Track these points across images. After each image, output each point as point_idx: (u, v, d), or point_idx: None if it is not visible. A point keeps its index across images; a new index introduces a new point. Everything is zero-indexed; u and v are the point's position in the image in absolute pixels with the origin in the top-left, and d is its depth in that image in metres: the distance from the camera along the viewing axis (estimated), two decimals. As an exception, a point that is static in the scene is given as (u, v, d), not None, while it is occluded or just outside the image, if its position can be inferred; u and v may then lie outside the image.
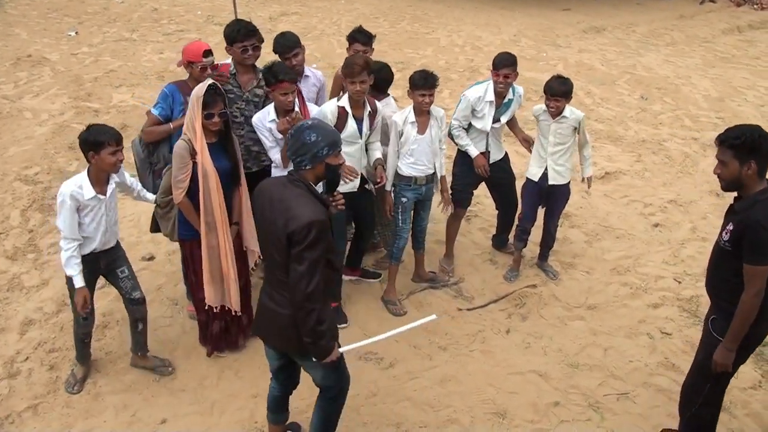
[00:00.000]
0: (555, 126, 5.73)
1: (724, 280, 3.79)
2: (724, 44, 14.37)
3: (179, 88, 5.11)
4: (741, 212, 3.65)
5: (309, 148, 3.55)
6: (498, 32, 14.52)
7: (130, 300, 4.87)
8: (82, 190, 4.37)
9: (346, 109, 5.15)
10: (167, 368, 5.09)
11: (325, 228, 3.50)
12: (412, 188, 5.55)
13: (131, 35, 13.43)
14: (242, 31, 5.21)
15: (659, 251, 6.69)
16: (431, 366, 5.22)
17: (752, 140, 3.56)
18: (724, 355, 3.81)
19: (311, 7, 16.25)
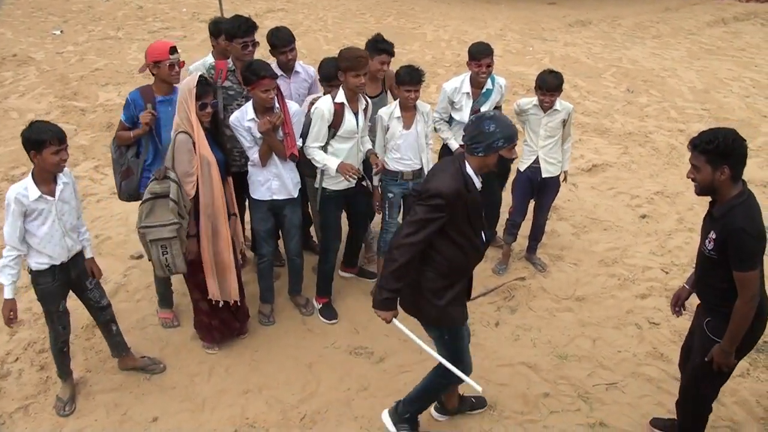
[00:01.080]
0: (546, 119, 5.75)
1: (713, 286, 3.75)
2: (710, 36, 14.45)
3: (141, 94, 5.03)
4: (720, 219, 3.58)
5: (486, 137, 3.65)
6: (484, 26, 14.55)
7: (99, 308, 4.75)
8: (27, 191, 4.15)
9: (343, 105, 5.12)
10: (158, 365, 5.08)
11: (450, 203, 3.63)
12: (398, 183, 5.57)
13: (116, 33, 13.39)
14: (243, 26, 5.22)
15: (646, 242, 6.74)
16: (421, 359, 5.21)
17: (725, 145, 3.49)
18: (722, 355, 3.78)
19: (297, 3, 16.24)
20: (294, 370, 5.12)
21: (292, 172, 5.19)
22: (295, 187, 5.23)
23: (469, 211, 3.77)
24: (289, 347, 5.34)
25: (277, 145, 4.99)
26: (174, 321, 5.51)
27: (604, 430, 4.59)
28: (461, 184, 3.71)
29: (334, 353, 5.29)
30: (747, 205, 3.55)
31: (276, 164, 5.07)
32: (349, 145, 5.21)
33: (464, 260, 3.90)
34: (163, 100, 5.01)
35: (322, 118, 5.05)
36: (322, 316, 5.69)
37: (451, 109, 5.82)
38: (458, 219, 3.75)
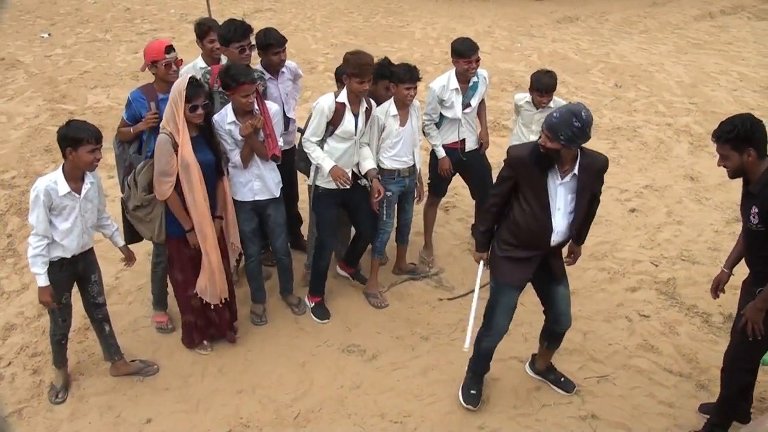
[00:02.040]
0: (539, 115, 5.78)
1: (764, 256, 3.91)
2: (697, 30, 14.51)
3: (144, 92, 5.07)
4: (759, 194, 3.78)
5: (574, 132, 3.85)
6: (472, 24, 14.58)
7: (95, 304, 4.81)
8: (57, 185, 4.27)
9: (345, 105, 5.13)
10: (151, 367, 5.09)
11: (513, 164, 4.13)
12: (396, 181, 5.58)
13: (105, 35, 13.36)
14: (239, 30, 5.23)
15: (636, 236, 6.78)
16: (414, 356, 5.27)
17: (745, 130, 3.71)
18: (754, 310, 3.93)
19: (284, 3, 16.22)
20: (287, 369, 5.14)
21: (273, 172, 5.21)
22: (276, 186, 5.25)
23: (529, 181, 4.10)
24: (282, 346, 5.36)
25: (259, 147, 5.01)
26: (168, 324, 5.51)
27: (596, 422, 4.63)
28: (527, 154, 4.05)
29: (326, 352, 5.31)
30: None
31: (258, 165, 5.10)
32: (346, 146, 5.23)
33: (527, 227, 4.18)
34: (164, 98, 4.99)
35: (322, 113, 5.09)
36: (314, 315, 5.71)
37: (441, 107, 5.84)
38: (524, 186, 4.14)
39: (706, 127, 9.17)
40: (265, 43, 5.43)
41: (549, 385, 4.92)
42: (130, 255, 4.93)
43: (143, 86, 5.15)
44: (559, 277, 4.45)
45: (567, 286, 4.51)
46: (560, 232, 4.19)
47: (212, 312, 5.16)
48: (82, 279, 4.71)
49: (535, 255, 4.29)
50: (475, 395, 4.77)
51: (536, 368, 5.00)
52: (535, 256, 4.30)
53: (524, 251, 4.28)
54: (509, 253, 4.32)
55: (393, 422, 4.66)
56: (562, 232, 4.20)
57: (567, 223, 4.18)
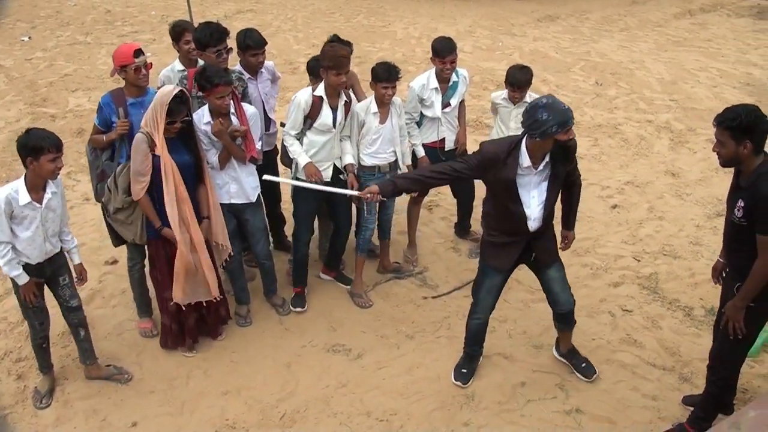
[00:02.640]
0: (516, 112, 5.83)
1: (746, 252, 3.91)
2: (676, 28, 14.61)
3: (113, 98, 5.03)
4: (748, 188, 3.79)
5: (540, 125, 3.95)
6: (453, 23, 14.62)
7: (68, 308, 4.78)
8: (18, 194, 4.20)
9: (322, 98, 5.17)
10: (124, 376, 5.05)
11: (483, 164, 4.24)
12: (376, 177, 5.58)
13: (85, 38, 13.29)
14: (215, 35, 5.19)
15: (618, 232, 6.83)
16: (399, 354, 5.28)
17: (747, 121, 3.70)
18: (733, 309, 3.98)
19: (266, 4, 16.20)
20: (272, 369, 5.14)
21: (251, 176, 5.21)
22: (253, 191, 5.25)
23: (500, 179, 4.23)
24: (266, 347, 5.36)
25: (235, 149, 5.01)
26: (153, 330, 5.48)
27: (581, 416, 4.66)
28: (503, 153, 4.19)
29: (311, 352, 5.31)
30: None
31: (234, 168, 5.10)
32: (325, 139, 5.25)
33: (503, 217, 4.40)
34: (134, 102, 5.01)
35: (299, 107, 5.14)
36: (291, 305, 5.77)
37: (421, 106, 5.86)
38: (492, 182, 4.31)
39: (686, 123, 9.25)
40: (244, 45, 5.43)
41: (572, 369, 5.02)
42: (83, 274, 4.84)
43: (113, 91, 5.11)
44: (546, 261, 4.60)
45: (559, 269, 4.66)
46: (537, 218, 4.36)
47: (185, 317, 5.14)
48: (51, 282, 4.67)
49: (518, 240, 4.48)
50: (465, 374, 4.95)
51: (560, 351, 5.12)
52: (518, 241, 4.49)
53: (507, 237, 4.48)
54: (494, 239, 4.53)
55: (379, 420, 4.67)
56: (538, 218, 4.36)
57: (542, 208, 4.33)
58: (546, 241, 4.57)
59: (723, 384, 4.28)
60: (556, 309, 4.79)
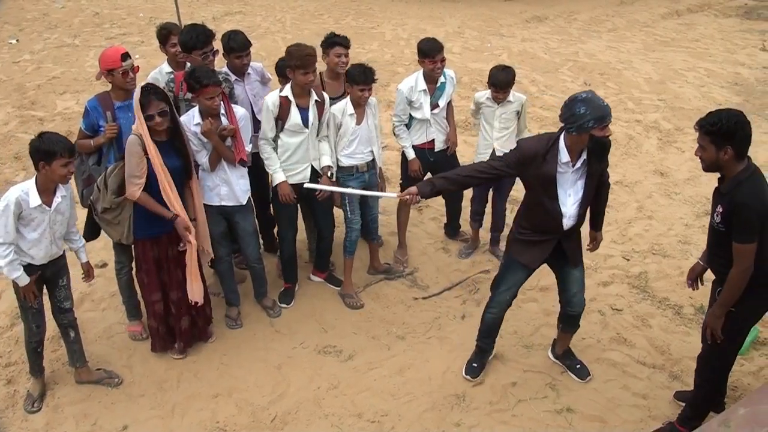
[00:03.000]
0: (500, 111, 5.84)
1: (723, 257, 3.93)
2: (664, 28, 14.70)
3: (100, 102, 4.99)
4: (727, 194, 3.78)
5: (577, 119, 3.97)
6: (442, 24, 14.64)
7: (60, 309, 4.77)
8: (29, 196, 4.23)
9: (289, 99, 5.18)
10: (113, 380, 5.02)
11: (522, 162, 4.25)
12: (355, 177, 5.60)
13: (73, 41, 13.22)
14: (200, 38, 5.19)
15: (607, 231, 6.81)
16: (390, 355, 5.28)
17: (728, 127, 3.68)
18: (712, 318, 4.00)
19: (254, 6, 16.17)
20: (263, 372, 5.13)
21: (242, 179, 5.20)
22: (244, 194, 5.24)
23: (539, 175, 4.23)
24: (257, 350, 5.35)
25: (225, 151, 5.00)
26: (143, 333, 5.45)
27: (571, 415, 4.67)
28: (542, 149, 4.20)
29: (302, 353, 5.31)
30: (753, 181, 3.77)
31: (225, 170, 5.09)
32: (298, 140, 5.27)
33: (538, 215, 4.39)
34: (121, 106, 4.98)
35: (267, 110, 5.18)
36: (278, 300, 5.81)
37: (410, 108, 5.86)
38: (531, 178, 4.31)
39: (674, 123, 9.30)
40: (228, 47, 5.44)
41: (566, 371, 5.03)
42: (90, 271, 4.92)
43: (99, 95, 5.07)
44: (573, 260, 4.60)
45: (582, 270, 4.68)
46: (572, 216, 4.37)
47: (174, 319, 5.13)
48: (50, 282, 4.67)
49: (550, 239, 4.49)
50: (476, 368, 4.99)
51: (555, 353, 5.13)
52: (550, 240, 4.50)
53: (539, 235, 4.49)
54: (526, 236, 4.54)
55: (370, 422, 4.67)
56: (573, 216, 4.38)
57: (578, 207, 4.36)
58: (576, 240, 4.59)
59: (710, 386, 4.30)
60: (569, 309, 4.78)
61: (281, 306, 5.78)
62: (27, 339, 4.72)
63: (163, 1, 15.63)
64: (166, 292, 5.04)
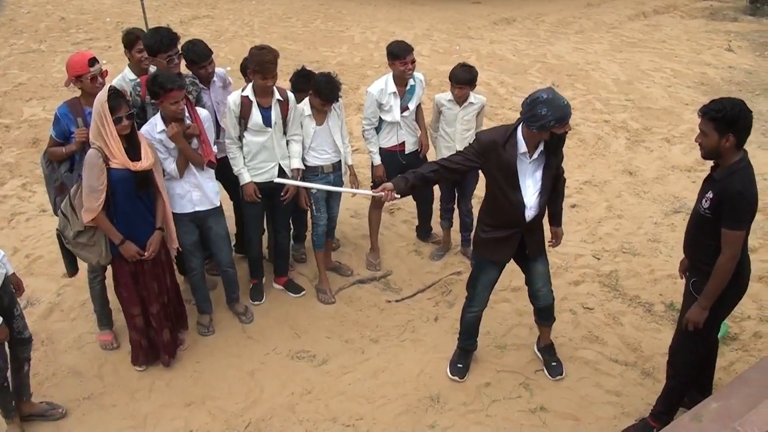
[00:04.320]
0: (462, 113, 5.86)
1: (704, 244, 3.95)
2: (631, 29, 14.85)
3: (70, 108, 4.94)
4: (720, 181, 3.82)
5: (538, 119, 4.08)
6: (411, 27, 14.67)
7: (20, 340, 4.50)
8: None
9: (249, 99, 5.20)
10: (58, 410, 4.79)
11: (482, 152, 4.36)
12: (320, 177, 5.60)
13: (39, 46, 13.05)
14: (165, 40, 5.15)
15: (577, 231, 6.91)
16: (364, 359, 5.27)
17: (732, 115, 3.72)
18: (697, 313, 4.00)
19: (222, 9, 16.07)
20: (236, 378, 5.09)
21: (211, 181, 5.18)
22: (216, 196, 5.22)
23: (500, 165, 4.32)
24: (230, 356, 5.31)
25: (193, 154, 4.97)
26: (113, 343, 5.39)
27: (545, 414, 4.70)
28: (501, 138, 4.30)
29: (275, 359, 5.28)
30: (746, 172, 3.82)
31: (194, 174, 5.06)
32: (262, 140, 5.30)
33: (502, 207, 4.48)
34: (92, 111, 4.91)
35: (230, 110, 5.22)
36: (250, 297, 5.89)
37: (380, 111, 5.86)
38: (493, 170, 4.38)
39: (642, 122, 9.40)
40: (188, 59, 5.42)
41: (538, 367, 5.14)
42: (20, 284, 4.53)
43: (69, 101, 5.01)
44: (534, 254, 4.72)
45: (544, 264, 4.78)
46: (533, 207, 4.46)
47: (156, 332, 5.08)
48: (5, 313, 4.34)
49: (514, 233, 4.57)
50: (461, 368, 5.05)
51: (539, 346, 5.20)
52: (514, 234, 4.58)
53: (503, 231, 4.57)
54: (490, 234, 4.62)
55: (345, 426, 4.66)
56: (534, 206, 4.47)
57: (538, 197, 4.46)
58: (537, 233, 4.67)
59: (681, 379, 4.35)
60: (536, 303, 4.90)
61: (253, 303, 5.82)
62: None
63: (129, 6, 15.48)
64: (146, 307, 4.98)
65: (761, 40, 13.62)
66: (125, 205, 4.65)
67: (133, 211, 4.70)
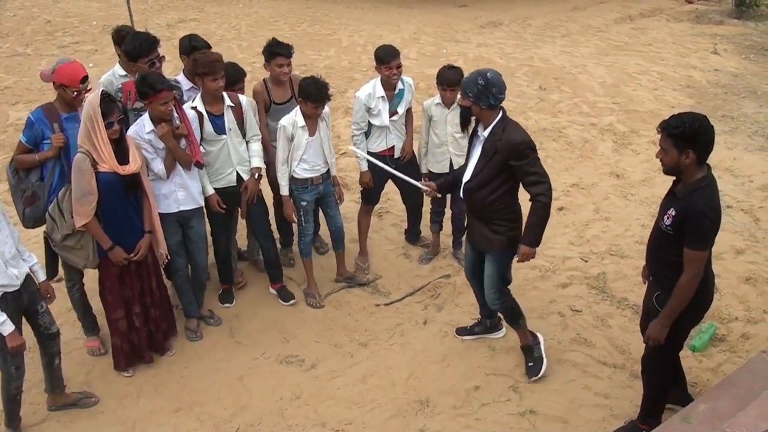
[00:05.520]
0: (451, 116, 5.86)
1: (666, 259, 3.94)
2: (617, 33, 14.90)
3: (46, 113, 4.85)
4: (683, 199, 3.78)
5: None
6: (398, 30, 14.67)
7: (49, 335, 4.54)
8: None
9: (198, 109, 5.19)
10: (91, 399, 4.89)
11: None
12: (309, 190, 5.60)
13: (25, 50, 12.99)
14: (145, 45, 5.16)
15: (565, 233, 6.93)
16: (353, 363, 5.26)
17: (691, 131, 3.67)
18: (657, 329, 3.99)
19: (209, 13, 16.03)
20: (225, 384, 5.07)
21: (195, 180, 5.20)
22: (200, 195, 5.26)
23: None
24: (218, 361, 5.29)
25: (181, 154, 4.98)
26: (101, 348, 5.35)
27: (534, 417, 4.71)
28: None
29: (264, 364, 5.26)
30: (709, 190, 3.77)
31: (180, 174, 5.08)
32: (217, 148, 5.33)
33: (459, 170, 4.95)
34: (68, 117, 4.87)
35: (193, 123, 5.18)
36: (219, 299, 5.94)
37: (369, 115, 5.85)
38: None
39: (629, 125, 9.44)
40: (189, 48, 5.52)
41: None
42: (50, 290, 4.59)
43: (44, 106, 4.93)
44: (474, 243, 4.93)
45: (491, 267, 4.82)
46: (465, 182, 4.67)
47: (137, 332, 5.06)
48: (29, 311, 4.38)
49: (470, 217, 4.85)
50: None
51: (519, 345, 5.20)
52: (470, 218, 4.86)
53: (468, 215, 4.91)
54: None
55: (334, 431, 4.65)
56: (467, 181, 4.66)
57: (471, 174, 4.65)
58: (484, 225, 4.70)
59: (659, 384, 4.35)
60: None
61: (224, 306, 5.86)
62: (5, 386, 4.40)
63: (116, 9, 15.40)
64: (129, 307, 4.96)
65: (746, 43, 13.70)
66: (113, 209, 4.65)
67: (120, 214, 4.70)
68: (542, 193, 4.44)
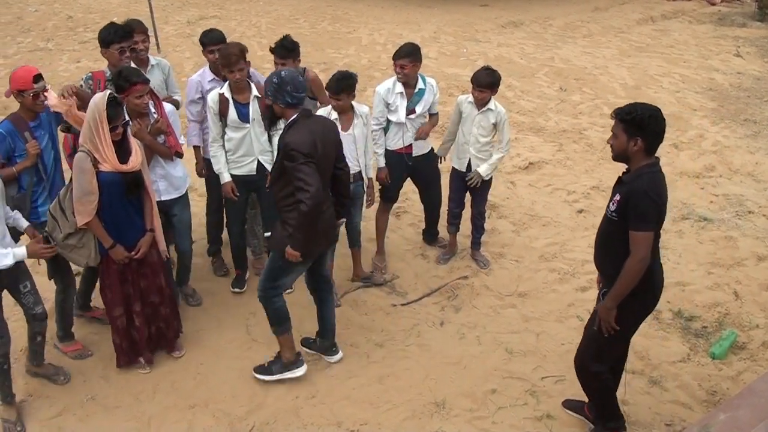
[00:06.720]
0: (479, 117, 5.83)
1: (612, 252, 3.95)
2: (639, 34, 14.81)
3: (15, 124, 4.77)
4: (628, 183, 3.84)
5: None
6: (418, 29, 14.65)
7: (33, 315, 4.66)
8: None
9: (225, 96, 5.32)
10: (60, 377, 4.98)
11: None
12: None
13: (47, 44, 13.08)
14: (118, 32, 5.19)
15: (584, 236, 6.87)
16: (369, 363, 5.25)
17: (641, 119, 3.76)
18: (604, 311, 4.01)
19: (229, 10, 16.08)
20: (240, 381, 5.07)
21: (178, 167, 5.31)
22: (183, 183, 5.37)
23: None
24: (234, 359, 5.28)
25: (159, 147, 5.05)
26: (87, 350, 5.32)
27: (552, 422, 4.67)
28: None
29: (280, 362, 5.25)
30: (654, 175, 3.84)
31: (161, 165, 5.15)
32: (240, 135, 5.43)
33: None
34: (34, 125, 4.85)
35: (210, 109, 5.37)
36: (231, 285, 6.10)
37: (387, 111, 5.84)
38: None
39: (649, 128, 9.34)
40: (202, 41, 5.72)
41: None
42: (36, 234, 4.57)
43: (12, 117, 4.83)
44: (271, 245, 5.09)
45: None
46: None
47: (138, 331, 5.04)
48: (12, 290, 4.53)
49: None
50: None
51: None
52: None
53: None
54: None
55: (349, 431, 4.63)
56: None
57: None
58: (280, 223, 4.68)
59: (598, 391, 4.35)
60: None
61: (234, 291, 5.99)
62: None
63: (137, 5, 15.47)
64: (129, 305, 4.96)
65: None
66: (114, 208, 4.65)
67: (121, 213, 4.70)
68: (302, 200, 4.33)
